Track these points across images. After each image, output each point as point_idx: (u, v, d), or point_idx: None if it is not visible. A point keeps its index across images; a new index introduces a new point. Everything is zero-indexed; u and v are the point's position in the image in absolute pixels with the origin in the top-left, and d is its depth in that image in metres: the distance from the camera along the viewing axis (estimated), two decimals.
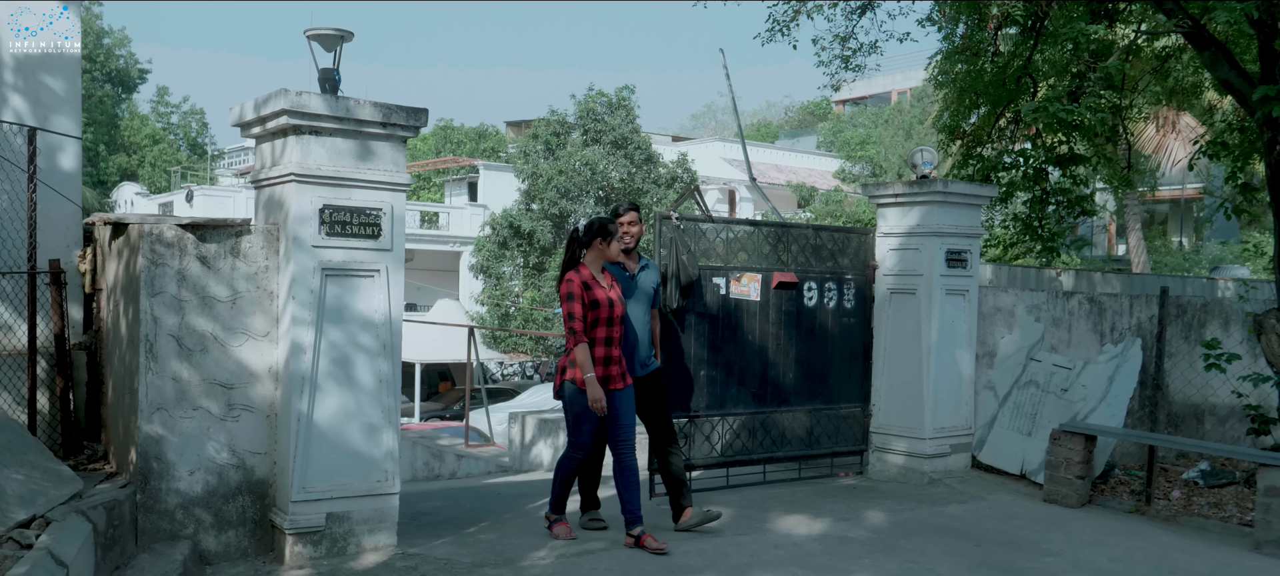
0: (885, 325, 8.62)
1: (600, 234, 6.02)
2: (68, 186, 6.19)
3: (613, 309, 5.93)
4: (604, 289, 5.95)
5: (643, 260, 6.63)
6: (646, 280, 6.58)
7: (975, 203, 8.65)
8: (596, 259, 6.04)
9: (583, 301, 5.82)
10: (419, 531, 6.31)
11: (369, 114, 5.47)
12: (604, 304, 5.90)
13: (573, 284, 5.85)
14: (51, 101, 6.20)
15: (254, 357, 5.45)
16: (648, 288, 6.57)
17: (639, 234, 6.52)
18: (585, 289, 5.86)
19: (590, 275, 5.95)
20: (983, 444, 8.65)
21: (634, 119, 30.05)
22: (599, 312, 5.88)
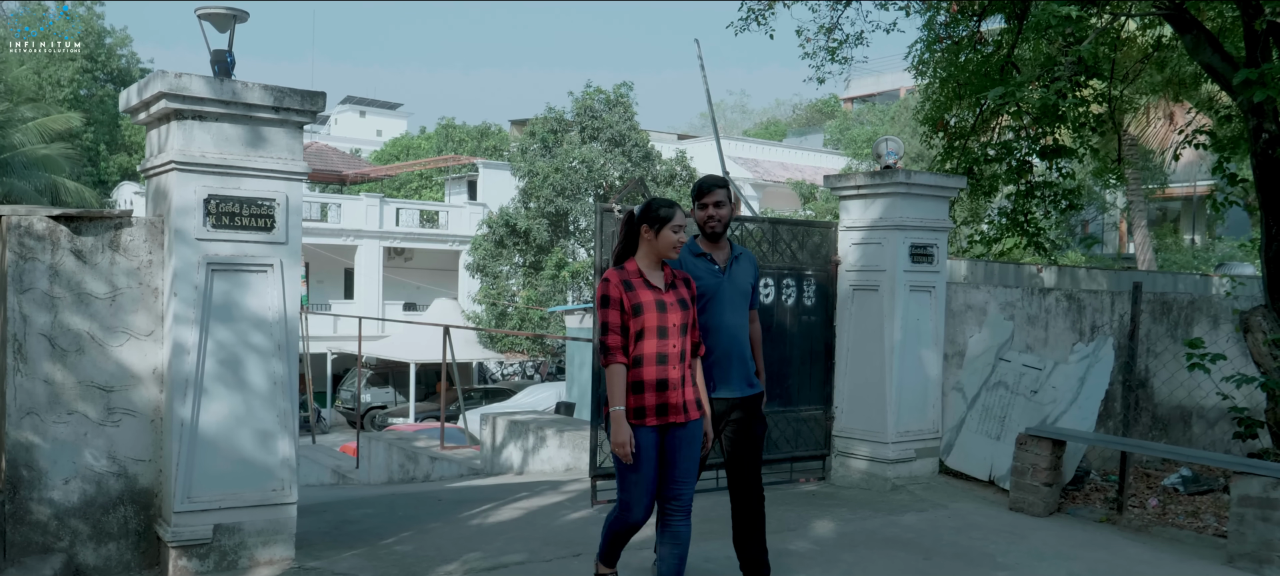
0: (847, 323, 8.22)
1: (646, 220, 4.46)
2: None
3: (664, 315, 4.38)
4: (653, 290, 4.42)
5: (735, 249, 5.17)
6: (741, 274, 5.09)
7: (941, 195, 8.23)
8: (648, 254, 4.49)
9: (622, 307, 4.36)
10: (332, 542, 5.97)
11: (258, 98, 5.12)
12: (650, 309, 4.36)
13: (608, 285, 4.41)
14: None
15: (136, 358, 5.10)
16: (743, 284, 5.08)
17: (727, 217, 5.08)
18: (626, 290, 4.38)
19: (637, 272, 4.46)
20: (951, 448, 8.24)
21: (632, 116, 29.71)
22: (645, 320, 4.35)
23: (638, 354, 4.36)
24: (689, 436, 4.49)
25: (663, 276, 4.51)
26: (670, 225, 4.44)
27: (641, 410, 4.36)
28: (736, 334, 4.99)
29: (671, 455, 4.47)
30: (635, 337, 4.36)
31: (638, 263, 4.50)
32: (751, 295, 5.15)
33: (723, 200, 5.05)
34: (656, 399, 4.36)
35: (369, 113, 64.42)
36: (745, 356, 5.02)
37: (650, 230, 4.46)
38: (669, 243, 4.45)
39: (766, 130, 62.01)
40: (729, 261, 5.07)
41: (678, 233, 4.45)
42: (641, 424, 4.35)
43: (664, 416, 4.39)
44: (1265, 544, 6.23)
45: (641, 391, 4.36)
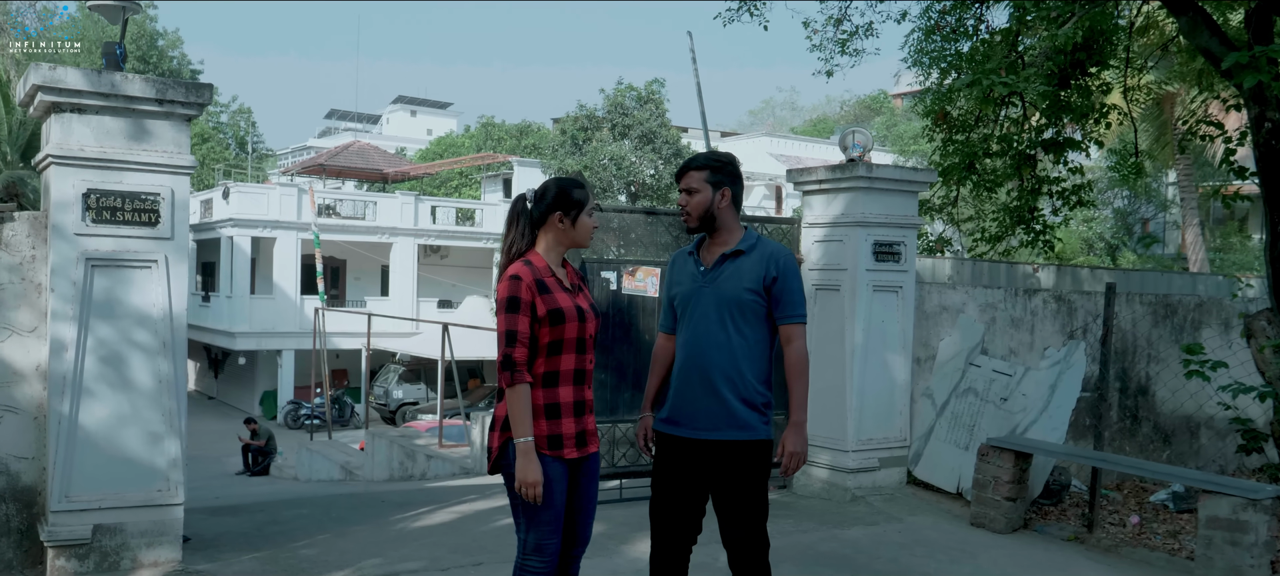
0: (810, 325, 7.87)
1: (558, 205, 3.69)
2: None
3: (583, 325, 3.68)
4: (568, 293, 3.69)
5: (741, 245, 3.92)
6: (733, 277, 3.88)
7: (908, 189, 7.86)
8: (556, 247, 3.74)
9: (533, 314, 3.58)
10: (240, 544, 5.85)
11: (140, 90, 5.00)
12: (570, 315, 3.63)
13: (518, 286, 3.56)
14: None
15: (19, 355, 5.02)
16: (732, 290, 3.86)
17: (702, 206, 3.91)
18: (541, 293, 3.59)
19: (548, 270, 3.68)
20: (919, 458, 7.87)
21: (663, 113, 29.46)
22: (564, 330, 3.62)
23: (551, 370, 3.62)
24: (594, 470, 3.84)
25: (568, 276, 3.77)
26: (587, 207, 3.72)
27: (558, 439, 3.63)
28: (702, 353, 3.85)
29: (581, 492, 3.77)
30: (548, 351, 3.61)
31: (543, 258, 3.69)
32: (760, 303, 3.85)
33: (695, 186, 3.91)
34: (576, 426, 3.67)
35: (419, 112, 65.09)
36: (713, 383, 3.83)
37: (565, 217, 3.68)
38: (587, 230, 3.73)
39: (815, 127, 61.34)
40: (719, 261, 3.93)
41: (592, 216, 3.76)
42: (558, 455, 3.62)
43: (583, 446, 3.70)
44: (1233, 569, 5.81)
45: (558, 415, 3.62)
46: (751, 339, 3.87)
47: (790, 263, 3.87)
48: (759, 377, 3.88)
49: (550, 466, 3.61)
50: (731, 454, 3.86)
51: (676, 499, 3.98)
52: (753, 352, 3.87)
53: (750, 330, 3.87)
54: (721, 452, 3.87)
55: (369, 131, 61.64)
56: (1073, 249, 29.15)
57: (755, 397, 3.87)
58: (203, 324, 31.13)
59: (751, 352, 3.87)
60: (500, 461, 3.67)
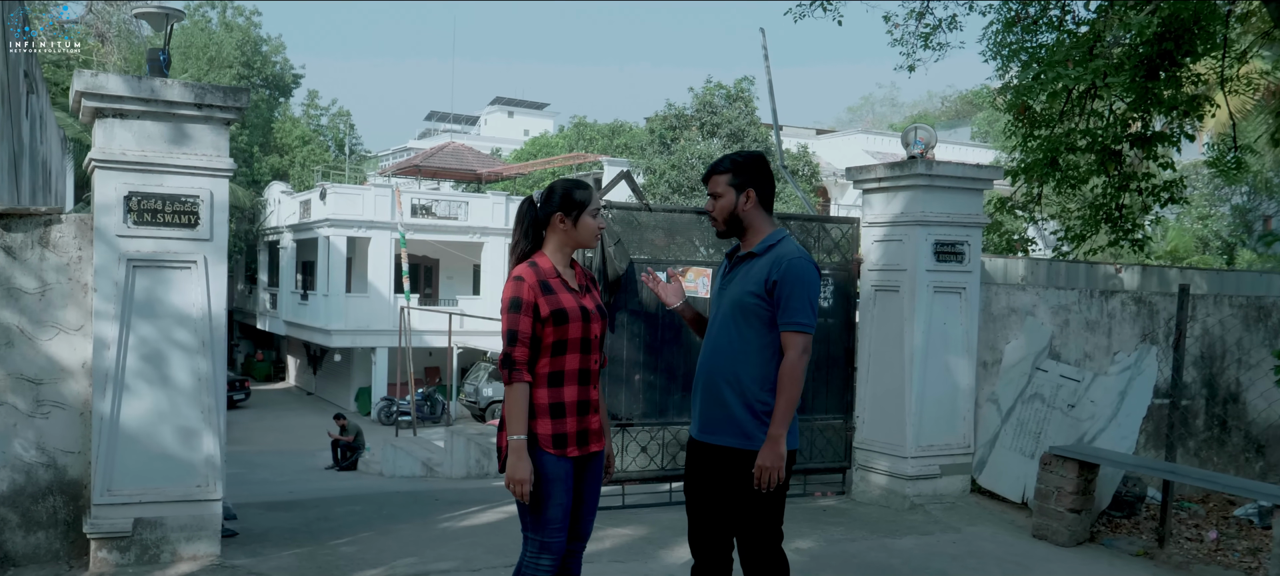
0: (869, 327, 7.67)
1: (562, 207, 3.72)
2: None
3: (588, 325, 3.70)
4: (573, 294, 3.72)
5: (758, 248, 3.84)
6: (740, 281, 3.85)
7: (972, 187, 7.56)
8: (562, 248, 3.77)
9: (536, 315, 3.61)
10: (284, 541, 5.96)
11: (179, 95, 5.12)
12: (574, 315, 3.65)
13: (521, 286, 3.60)
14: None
15: (66, 352, 5.19)
16: (737, 293, 3.83)
17: (727, 209, 3.87)
18: (544, 293, 3.63)
19: (554, 271, 3.71)
20: (984, 465, 7.57)
21: (752, 111, 29.18)
22: (567, 330, 3.64)
23: (556, 369, 3.64)
24: (597, 468, 3.86)
25: (575, 276, 3.80)
26: (589, 209, 3.72)
27: (562, 438, 3.64)
28: (712, 358, 3.84)
29: (584, 489, 3.80)
30: (552, 351, 3.63)
31: (550, 260, 3.72)
32: (763, 306, 3.74)
33: (719, 190, 3.87)
34: (578, 425, 3.68)
35: (516, 113, 65.90)
36: (717, 387, 3.80)
37: (567, 218, 3.70)
38: (590, 231, 3.74)
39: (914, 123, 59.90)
40: (737, 263, 3.91)
41: (597, 217, 3.77)
42: (562, 454, 3.64)
43: (585, 445, 3.72)
44: None
45: (562, 415, 3.65)
46: (754, 344, 3.77)
47: (796, 266, 3.73)
48: (761, 383, 3.75)
49: (555, 465, 3.64)
50: (732, 461, 3.78)
51: (699, 502, 3.96)
52: (754, 358, 3.76)
53: (754, 334, 3.77)
54: (724, 459, 3.81)
55: (467, 132, 62.71)
56: (1186, 248, 27.84)
57: (757, 404, 3.75)
58: (301, 321, 32.11)
59: (753, 358, 3.77)
60: (502, 462, 3.70)
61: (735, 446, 3.76)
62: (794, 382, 3.69)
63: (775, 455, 3.66)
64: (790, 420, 3.71)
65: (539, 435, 3.61)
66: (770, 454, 3.67)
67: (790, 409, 3.70)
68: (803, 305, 3.72)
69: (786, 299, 3.70)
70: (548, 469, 3.61)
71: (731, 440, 3.78)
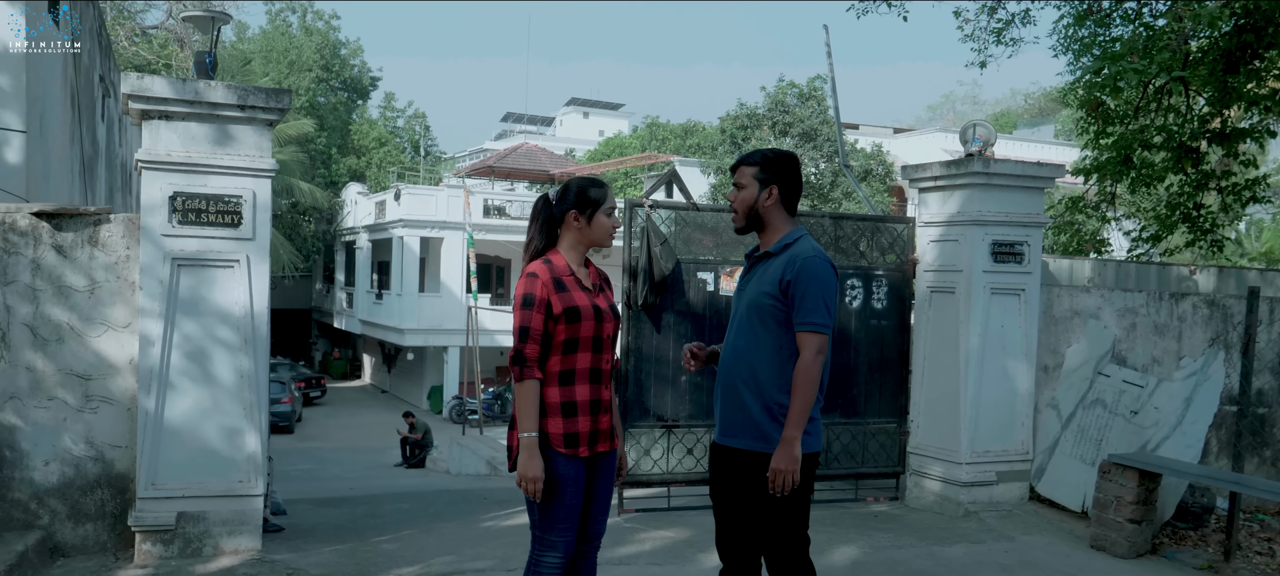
0: (924, 329, 7.48)
1: (577, 205, 3.69)
2: (8, 177, 6.34)
3: (600, 324, 3.66)
4: (587, 293, 3.68)
5: (775, 247, 3.74)
6: (756, 282, 3.76)
7: (1032, 185, 7.31)
8: (576, 247, 3.73)
9: (549, 312, 3.57)
10: (327, 535, 6.05)
11: (222, 96, 5.21)
12: (586, 313, 3.62)
13: (534, 282, 3.58)
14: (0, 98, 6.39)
15: (114, 349, 5.32)
16: (753, 295, 3.74)
17: (748, 203, 3.78)
18: (557, 291, 3.59)
19: (568, 270, 3.67)
20: (1043, 473, 7.32)
21: (825, 110, 28.81)
22: (579, 328, 3.61)
23: (567, 368, 3.61)
24: (611, 469, 3.84)
25: (589, 275, 3.76)
26: (604, 207, 3.69)
27: (574, 437, 3.61)
28: (730, 359, 3.78)
29: (595, 489, 3.77)
30: (564, 349, 3.60)
31: (564, 258, 3.69)
32: (779, 306, 3.63)
33: (743, 182, 3.78)
34: (590, 424, 3.65)
35: (592, 114, 66.17)
36: (735, 389, 3.73)
37: (580, 216, 3.67)
38: (604, 229, 3.70)
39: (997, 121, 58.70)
40: (756, 262, 3.83)
41: (611, 216, 3.72)
42: (573, 454, 3.61)
43: (595, 445, 3.68)
44: None
45: (574, 414, 3.61)
46: (770, 344, 3.68)
47: (810, 265, 3.63)
48: (779, 385, 3.66)
49: (565, 464, 3.61)
50: (750, 464, 3.70)
51: (723, 507, 3.89)
52: (771, 359, 3.68)
53: (769, 335, 3.69)
54: (742, 462, 3.74)
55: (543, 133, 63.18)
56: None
57: (775, 406, 3.66)
58: (376, 320, 32.67)
59: (770, 359, 3.68)
60: (513, 461, 3.70)
61: (753, 449, 3.69)
62: (808, 384, 3.59)
63: (789, 458, 3.57)
64: (805, 422, 3.60)
65: (550, 433, 3.58)
66: (784, 456, 3.57)
67: (805, 410, 3.60)
68: (817, 305, 3.61)
69: (801, 298, 3.60)
70: (559, 468, 3.58)
71: (749, 442, 3.70)
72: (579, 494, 3.66)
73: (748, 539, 3.85)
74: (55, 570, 5.09)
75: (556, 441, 3.58)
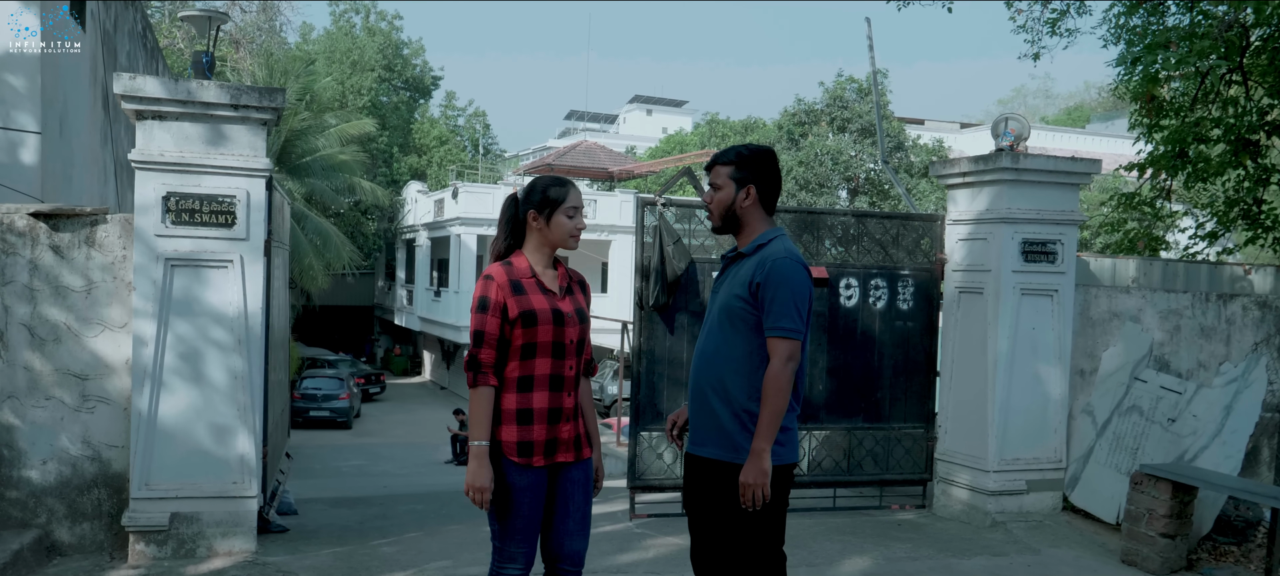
0: (952, 331, 7.20)
1: (536, 205, 3.55)
2: (23, 178, 6.41)
3: (561, 329, 3.50)
4: (547, 295, 3.52)
5: (748, 247, 3.57)
6: (728, 283, 3.61)
7: (1066, 182, 6.98)
8: (539, 248, 3.58)
9: (504, 315, 3.44)
10: (331, 537, 6.03)
11: (215, 96, 5.18)
12: (546, 320, 3.47)
13: (489, 285, 3.46)
14: (13, 98, 6.46)
15: (111, 349, 5.33)
16: (725, 297, 3.57)
17: (725, 203, 3.58)
18: (515, 293, 3.46)
19: (529, 271, 3.54)
20: (1077, 482, 6.98)
21: (886, 105, 28.29)
22: (536, 333, 3.45)
23: (525, 374, 3.46)
24: (581, 478, 3.63)
25: (557, 277, 3.61)
26: (563, 208, 3.53)
27: (528, 446, 3.45)
28: (699, 365, 3.62)
29: (562, 502, 3.59)
30: (522, 354, 3.45)
31: (527, 259, 3.56)
32: (749, 310, 3.46)
33: (719, 182, 3.59)
34: (547, 433, 3.48)
35: (655, 111, 66.10)
36: (705, 396, 3.57)
37: (538, 216, 3.53)
38: (564, 230, 3.53)
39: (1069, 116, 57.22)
40: (729, 264, 3.67)
41: (574, 217, 3.56)
42: (527, 463, 3.45)
43: (552, 454, 3.50)
44: None
45: (529, 421, 3.46)
46: (741, 349, 3.50)
47: (781, 267, 3.44)
48: (749, 393, 3.48)
49: (518, 474, 3.47)
50: (719, 475, 3.52)
51: (695, 519, 3.72)
52: (741, 365, 3.50)
53: (741, 340, 3.51)
54: (711, 472, 3.57)
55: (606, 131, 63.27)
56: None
57: (745, 414, 3.48)
58: (435, 317, 32.97)
59: (740, 365, 3.50)
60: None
61: (722, 459, 3.51)
62: (778, 393, 3.40)
63: (758, 471, 3.38)
64: (775, 432, 3.41)
65: (504, 442, 3.44)
66: (753, 469, 3.39)
67: (775, 420, 3.41)
68: (787, 309, 3.42)
69: (770, 302, 3.42)
70: (511, 477, 3.44)
71: (718, 452, 3.53)
72: (537, 505, 3.52)
73: (720, 553, 3.68)
74: (51, 569, 5.12)
75: (509, 449, 3.45)
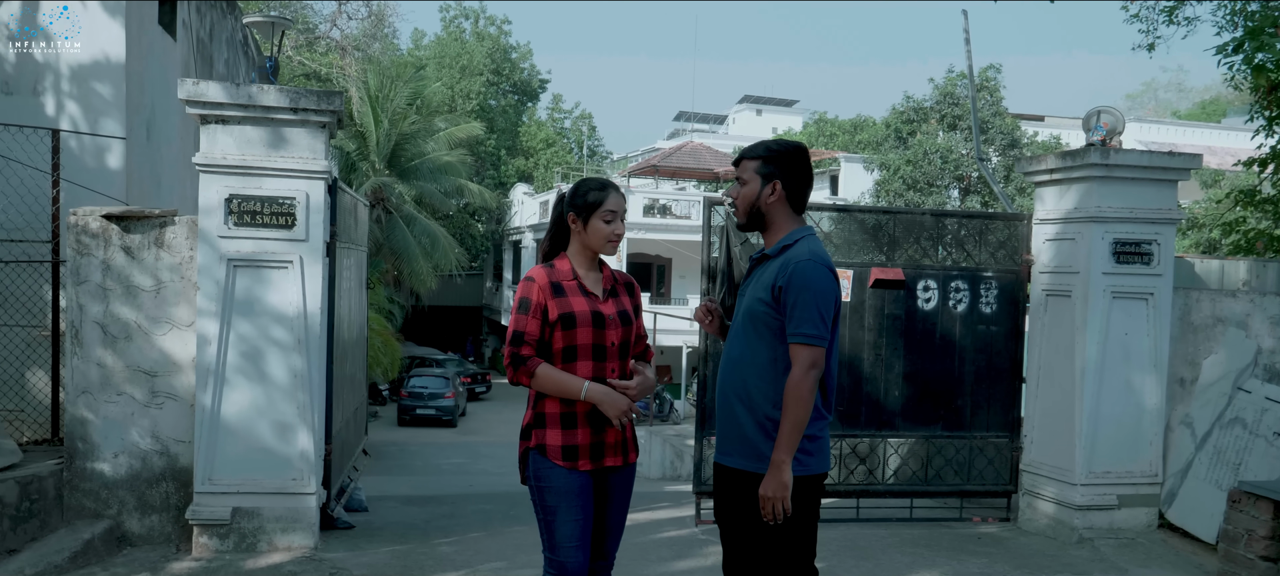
0: (1039, 336, 6.84)
1: (578, 208, 3.48)
2: (110, 182, 6.66)
3: (602, 331, 3.44)
4: (588, 298, 3.46)
5: (772, 249, 3.42)
6: (752, 286, 3.45)
7: (1162, 178, 6.55)
8: (581, 250, 3.52)
9: (544, 317, 3.40)
10: (395, 534, 6.07)
11: (275, 100, 5.27)
12: (585, 322, 3.41)
13: (531, 286, 3.42)
14: (101, 106, 6.72)
15: (178, 347, 5.48)
16: (749, 300, 3.43)
17: (750, 199, 3.42)
18: (555, 295, 3.41)
19: (571, 273, 3.48)
20: (1174, 498, 6.55)
21: (999, 101, 27.37)
22: (576, 336, 3.40)
23: None
24: (625, 483, 3.59)
25: (601, 280, 3.54)
26: (600, 212, 3.43)
27: (573, 449, 3.41)
28: (725, 371, 3.48)
29: (605, 507, 3.54)
30: (563, 357, 3.40)
31: (571, 261, 3.51)
32: (772, 314, 3.30)
33: (745, 176, 3.43)
34: (592, 436, 3.42)
35: (765, 111, 65.47)
36: (729, 403, 3.43)
37: (577, 219, 3.46)
38: (600, 235, 3.45)
39: (1204, 110, 54.39)
40: (755, 264, 3.51)
41: (611, 222, 3.46)
42: (573, 467, 3.40)
43: (599, 459, 3.44)
44: None
45: (574, 425, 3.41)
46: (765, 355, 3.35)
47: (803, 270, 3.26)
48: (773, 400, 3.32)
49: (565, 478, 3.42)
50: (743, 485, 3.37)
51: (723, 528, 3.58)
52: (765, 371, 3.34)
53: (764, 345, 3.35)
54: (736, 482, 3.42)
55: (715, 132, 62.93)
56: None
57: (769, 423, 3.32)
58: None
59: (764, 371, 3.34)
60: (524, 472, 3.54)
61: (746, 469, 3.37)
62: (798, 402, 3.23)
63: (778, 484, 3.23)
64: (795, 444, 3.25)
65: (548, 446, 3.41)
66: (772, 482, 3.23)
67: (796, 431, 3.24)
68: (810, 314, 3.25)
69: (792, 307, 3.25)
70: (558, 482, 3.40)
71: (742, 461, 3.38)
72: (586, 510, 3.45)
73: (749, 566, 3.53)
74: (120, 558, 5.28)
75: (554, 453, 3.40)
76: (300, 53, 20.73)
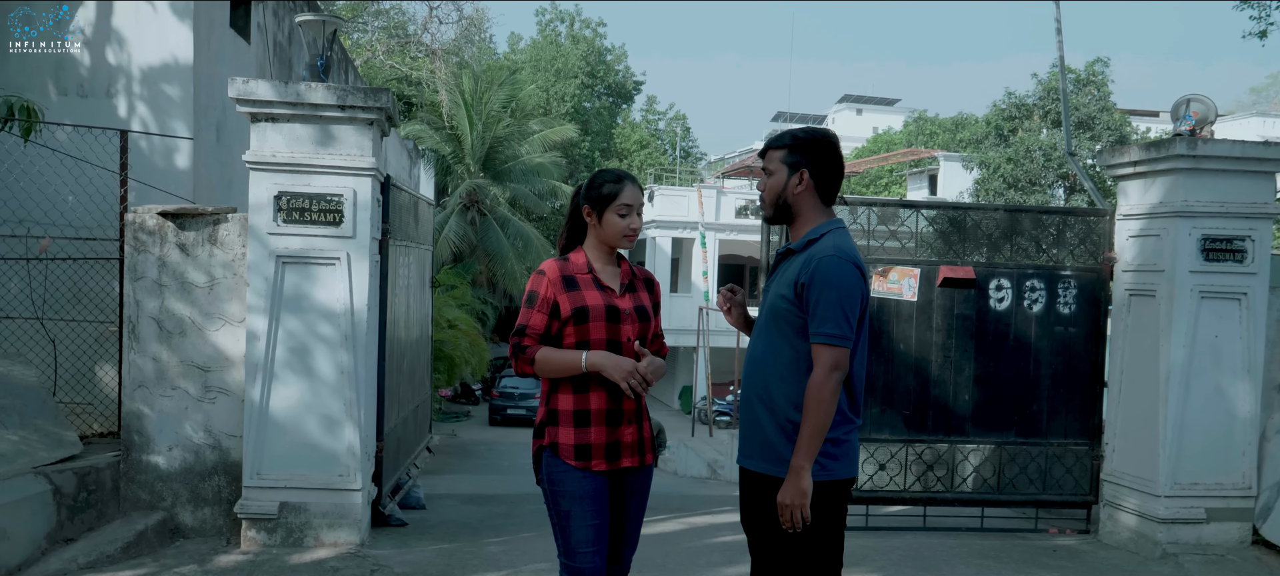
0: (1122, 338, 6.45)
1: (593, 201, 3.38)
2: (178, 182, 6.82)
3: (616, 326, 3.33)
4: (603, 292, 3.36)
5: (796, 243, 3.22)
6: (776, 282, 3.26)
7: (1257, 170, 6.10)
8: (597, 244, 3.41)
9: (554, 312, 3.31)
10: (446, 532, 6.09)
11: (323, 98, 5.30)
12: (598, 317, 3.32)
13: (541, 280, 3.34)
14: (169, 107, 6.89)
15: (230, 343, 5.56)
16: (772, 297, 3.24)
17: (776, 190, 3.25)
18: (566, 289, 3.32)
19: (586, 267, 3.38)
20: (1269, 513, 6.09)
21: (1106, 96, 26.28)
22: (589, 331, 3.30)
23: (582, 374, 3.30)
24: (642, 486, 3.48)
25: (618, 275, 3.43)
26: (615, 205, 3.33)
27: (586, 449, 3.30)
28: (748, 371, 3.32)
29: (622, 511, 3.43)
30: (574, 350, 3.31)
31: (587, 255, 3.40)
32: (794, 312, 3.13)
33: (771, 167, 3.28)
34: (607, 436, 3.31)
35: (865, 110, 64.48)
36: (751, 404, 3.27)
37: (592, 212, 3.36)
38: (616, 229, 3.33)
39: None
40: (780, 259, 3.34)
41: (626, 216, 3.34)
42: (586, 466, 3.29)
43: (615, 459, 3.33)
44: None
45: (587, 423, 3.30)
46: (788, 355, 3.17)
47: (826, 266, 3.07)
48: (794, 402, 3.14)
49: (579, 481, 3.30)
50: (764, 489, 3.20)
51: (747, 534, 3.41)
52: (787, 372, 3.16)
53: (787, 344, 3.17)
54: (757, 486, 3.26)
55: None
56: None
57: (790, 425, 3.14)
58: None
59: (785, 371, 3.17)
60: (538, 473, 3.43)
61: (767, 473, 3.20)
62: (819, 405, 3.04)
63: (796, 491, 3.05)
64: (816, 449, 3.06)
65: (560, 444, 3.30)
66: (790, 489, 3.06)
67: (816, 435, 3.06)
68: (832, 313, 3.05)
69: (815, 305, 3.07)
70: (572, 486, 3.28)
71: (763, 465, 3.22)
72: (601, 514, 3.32)
73: (774, 572, 3.36)
74: (171, 550, 5.38)
75: (567, 453, 3.30)
76: (392, 57, 21.11)
